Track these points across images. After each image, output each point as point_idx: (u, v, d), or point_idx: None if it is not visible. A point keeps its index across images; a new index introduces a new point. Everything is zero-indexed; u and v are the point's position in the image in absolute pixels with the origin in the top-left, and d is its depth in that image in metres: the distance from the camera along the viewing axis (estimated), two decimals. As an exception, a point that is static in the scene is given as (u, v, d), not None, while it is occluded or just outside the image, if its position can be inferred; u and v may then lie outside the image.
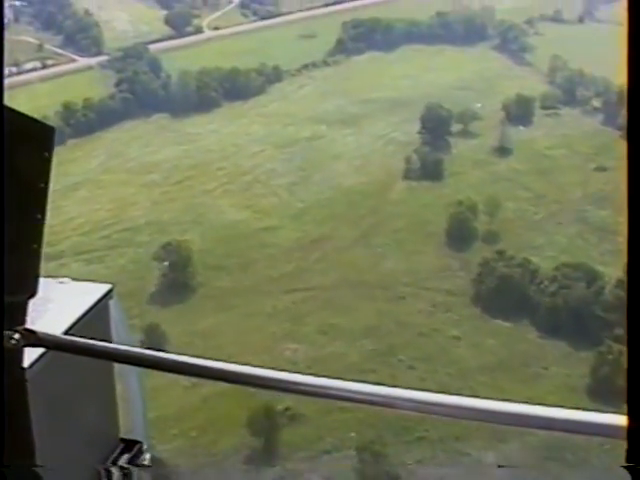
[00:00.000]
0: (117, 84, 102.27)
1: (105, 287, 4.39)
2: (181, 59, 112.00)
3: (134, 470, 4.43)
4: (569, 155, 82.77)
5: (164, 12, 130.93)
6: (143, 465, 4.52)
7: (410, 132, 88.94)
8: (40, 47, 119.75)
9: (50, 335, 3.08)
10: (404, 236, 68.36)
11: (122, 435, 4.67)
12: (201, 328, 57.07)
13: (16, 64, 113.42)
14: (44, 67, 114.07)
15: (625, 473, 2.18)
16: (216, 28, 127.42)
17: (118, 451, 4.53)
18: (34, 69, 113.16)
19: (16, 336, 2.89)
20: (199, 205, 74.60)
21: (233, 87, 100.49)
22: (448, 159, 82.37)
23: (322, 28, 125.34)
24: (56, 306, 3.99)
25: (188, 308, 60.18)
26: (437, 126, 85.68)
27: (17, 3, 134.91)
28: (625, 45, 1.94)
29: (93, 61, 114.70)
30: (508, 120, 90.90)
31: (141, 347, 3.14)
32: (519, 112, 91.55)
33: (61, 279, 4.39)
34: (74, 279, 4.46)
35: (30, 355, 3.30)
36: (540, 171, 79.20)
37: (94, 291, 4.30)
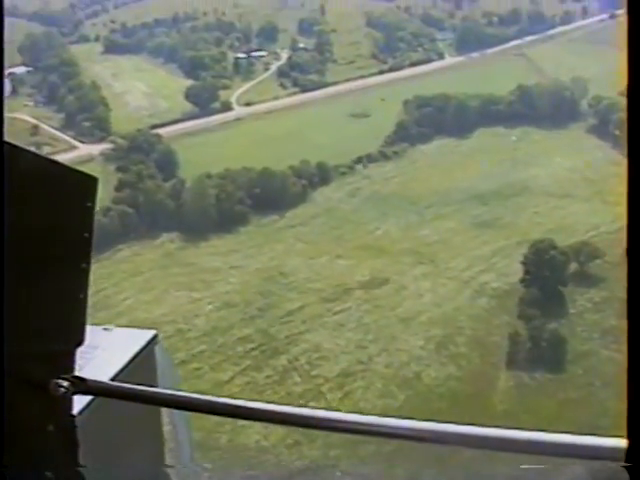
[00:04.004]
0: (117, 188, 76.80)
1: (150, 333, 4.27)
2: (202, 149, 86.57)
3: None
4: None
5: (188, 81, 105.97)
6: None
7: (507, 273, 62.18)
8: (36, 129, 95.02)
9: (98, 382, 3.00)
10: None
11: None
12: None
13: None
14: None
15: (625, 473, 2.13)
16: (247, 104, 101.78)
17: None
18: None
19: (65, 384, 2.79)
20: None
21: (265, 194, 74.42)
22: (567, 327, 55.45)
23: (377, 103, 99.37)
24: (103, 353, 3.93)
25: None
26: (546, 271, 58.72)
27: (18, 70, 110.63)
28: (625, 45, 1.92)
29: (96, 149, 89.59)
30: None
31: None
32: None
33: (106, 326, 4.25)
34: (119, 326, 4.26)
35: (79, 401, 3.19)
36: None
37: (139, 337, 4.22)
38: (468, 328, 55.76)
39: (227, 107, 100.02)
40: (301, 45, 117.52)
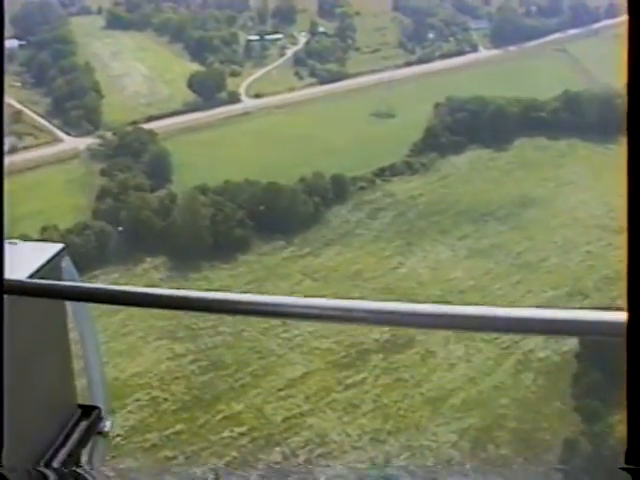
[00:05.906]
0: (98, 197, 64.92)
1: (57, 246, 4.04)
2: (201, 150, 74.40)
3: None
4: None
5: (194, 65, 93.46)
6: (102, 432, 4.01)
7: (557, 339, 50.12)
8: (19, 115, 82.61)
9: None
10: None
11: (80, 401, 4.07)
12: None
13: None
14: (13, 150, 76.54)
15: (625, 474, 2.10)
16: (257, 95, 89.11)
17: (76, 418, 4.06)
18: (-3, 154, 76.15)
19: None
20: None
21: (270, 214, 62.33)
22: None
23: (403, 101, 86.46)
24: (6, 266, 3.61)
25: None
26: (611, 350, 46.49)
27: (9, 44, 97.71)
28: (625, 45, 1.88)
29: (83, 144, 77.39)
30: None
31: None
32: None
33: (12, 240, 3.96)
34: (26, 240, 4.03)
35: None
36: None
37: (46, 250, 4.00)
38: (511, 418, 43.68)
39: (234, 98, 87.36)
40: (321, 29, 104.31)
